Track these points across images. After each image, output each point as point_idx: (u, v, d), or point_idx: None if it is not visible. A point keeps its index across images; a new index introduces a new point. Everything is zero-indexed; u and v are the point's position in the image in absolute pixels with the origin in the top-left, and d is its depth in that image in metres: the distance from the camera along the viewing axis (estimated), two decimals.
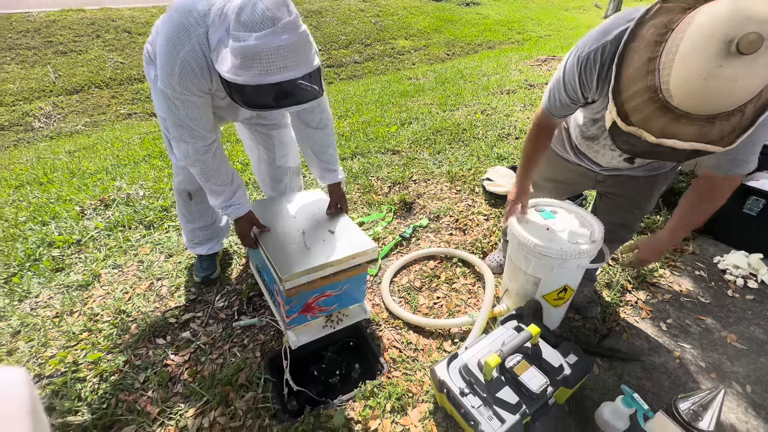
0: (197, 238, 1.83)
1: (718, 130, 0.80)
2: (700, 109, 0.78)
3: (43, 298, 1.79)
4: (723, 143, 0.80)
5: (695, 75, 0.74)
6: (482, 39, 9.27)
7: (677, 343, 1.61)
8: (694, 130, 0.80)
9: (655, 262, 1.30)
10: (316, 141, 1.55)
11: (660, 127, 0.83)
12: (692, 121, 0.80)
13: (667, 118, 0.81)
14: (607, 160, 1.33)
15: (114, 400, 1.36)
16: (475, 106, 4.10)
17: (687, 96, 0.77)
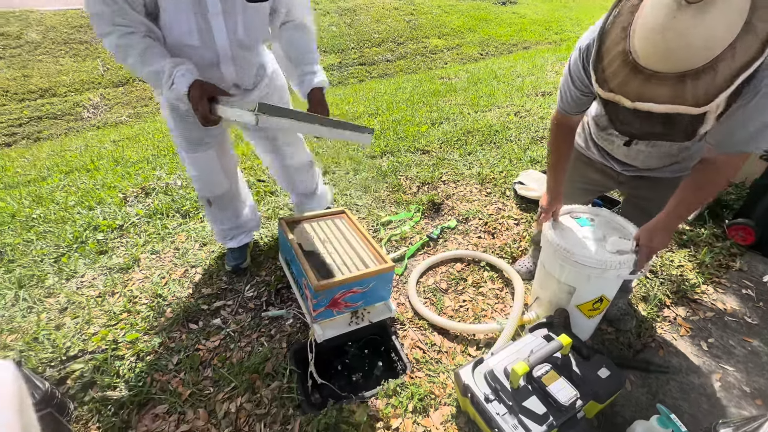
0: (226, 235, 1.89)
1: (691, 90, 0.80)
2: (665, 65, 0.80)
3: (88, 278, 1.90)
4: (697, 103, 0.80)
5: (652, 30, 0.79)
6: (518, 39, 9.05)
7: (719, 365, 1.52)
8: (667, 92, 0.81)
9: (659, 248, 1.21)
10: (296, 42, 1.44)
11: (635, 90, 0.85)
12: (662, 81, 0.81)
13: (640, 80, 0.83)
14: (624, 152, 1.31)
15: (149, 379, 1.43)
16: (508, 107, 4.01)
17: (649, 52, 0.81)
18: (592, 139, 1.45)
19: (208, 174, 1.66)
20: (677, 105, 0.81)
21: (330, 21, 8.50)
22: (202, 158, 1.59)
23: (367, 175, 2.75)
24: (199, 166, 1.62)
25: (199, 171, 1.64)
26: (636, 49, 0.83)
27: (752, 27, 0.76)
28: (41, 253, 2.03)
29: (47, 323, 1.65)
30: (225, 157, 1.68)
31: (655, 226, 1.21)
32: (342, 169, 2.84)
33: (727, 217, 2.19)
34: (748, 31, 0.76)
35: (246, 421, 1.32)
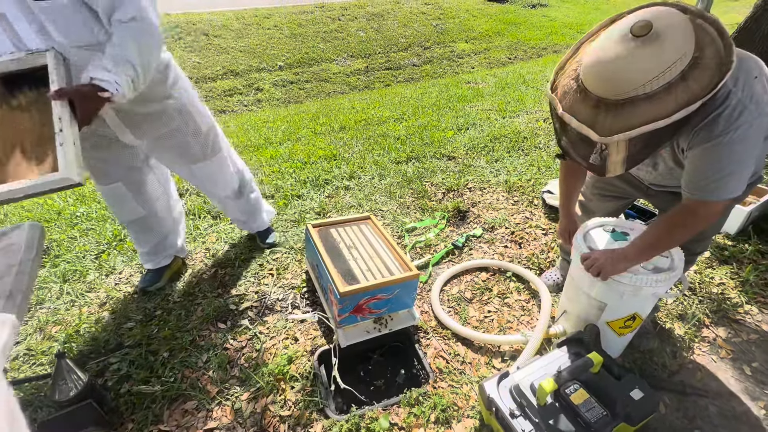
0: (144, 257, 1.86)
1: (601, 119, 0.88)
2: (590, 83, 0.89)
3: (126, 275, 2.00)
4: (602, 133, 0.88)
5: (599, 45, 0.89)
6: (547, 42, 8.86)
7: (763, 391, 1.43)
8: (585, 111, 0.90)
9: (607, 272, 1.18)
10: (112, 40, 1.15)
11: (569, 101, 0.94)
12: (586, 100, 0.90)
13: (574, 91, 0.93)
14: (641, 174, 1.30)
15: (180, 375, 1.48)
16: (537, 113, 3.93)
17: (586, 68, 0.90)
18: None
19: (117, 204, 1.64)
20: (586, 127, 0.89)
21: (358, 26, 8.60)
22: (108, 191, 1.59)
23: (392, 180, 2.76)
24: (107, 197, 1.64)
25: (107, 201, 1.67)
26: (582, 63, 0.93)
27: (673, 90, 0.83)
28: (83, 250, 2.15)
29: (88, 317, 1.74)
30: (142, 190, 1.64)
31: (617, 256, 1.19)
32: (367, 174, 2.86)
33: None
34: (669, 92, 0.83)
35: (270, 421, 1.35)
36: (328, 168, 2.97)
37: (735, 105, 0.88)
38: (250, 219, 2.03)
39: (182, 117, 1.49)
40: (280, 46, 7.58)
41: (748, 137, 0.90)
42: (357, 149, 3.30)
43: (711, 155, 0.94)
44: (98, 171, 1.53)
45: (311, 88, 6.77)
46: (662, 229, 1.15)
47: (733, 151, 0.92)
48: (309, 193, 2.65)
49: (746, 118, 0.88)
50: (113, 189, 1.59)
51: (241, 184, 1.87)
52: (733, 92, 0.88)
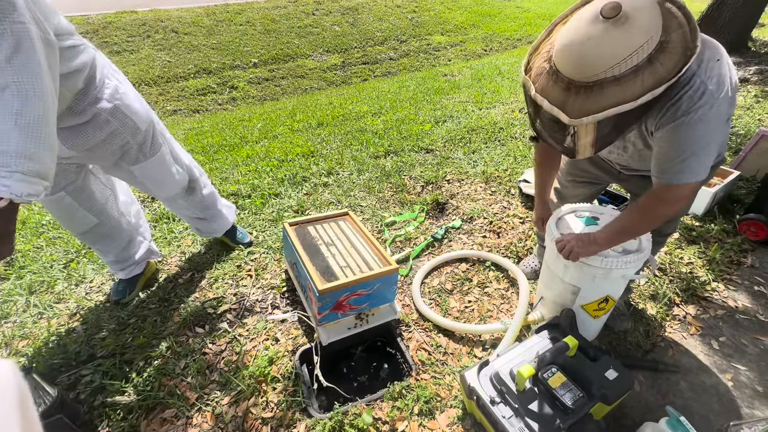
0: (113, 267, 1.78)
1: (571, 101, 0.90)
2: (561, 64, 0.90)
3: (97, 283, 1.92)
4: (571, 114, 0.90)
5: (571, 27, 0.90)
6: (522, 34, 8.95)
7: (730, 364, 1.49)
8: (556, 93, 0.91)
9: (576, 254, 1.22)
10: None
11: (541, 83, 0.95)
12: (557, 82, 0.91)
13: (547, 73, 0.94)
14: (613, 157, 1.32)
15: (157, 384, 1.44)
16: (513, 104, 3.98)
17: (558, 46, 0.91)
18: None
19: (65, 216, 1.53)
20: (557, 109, 0.91)
21: (333, 20, 8.49)
22: (52, 202, 1.47)
23: (371, 175, 2.74)
24: (52, 210, 1.51)
25: (55, 215, 1.54)
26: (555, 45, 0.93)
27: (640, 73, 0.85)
28: (51, 259, 2.06)
29: (57, 329, 1.67)
30: (87, 195, 1.54)
31: (588, 240, 1.22)
32: (346, 169, 2.84)
33: (738, 212, 2.14)
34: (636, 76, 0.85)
35: (252, 424, 1.33)
36: (305, 165, 2.93)
37: (698, 86, 0.90)
38: (209, 218, 1.90)
39: (117, 119, 1.36)
40: (254, 43, 7.42)
41: (708, 119, 0.92)
42: (335, 145, 3.27)
43: (674, 136, 0.96)
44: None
45: (287, 84, 6.66)
46: (632, 215, 1.16)
47: (695, 132, 0.94)
48: (287, 192, 2.61)
49: (707, 100, 0.90)
50: (57, 200, 1.46)
51: (191, 179, 1.74)
52: (696, 74, 0.90)
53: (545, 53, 0.97)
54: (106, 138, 1.37)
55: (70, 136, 1.30)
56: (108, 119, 1.34)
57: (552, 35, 1.02)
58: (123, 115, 1.38)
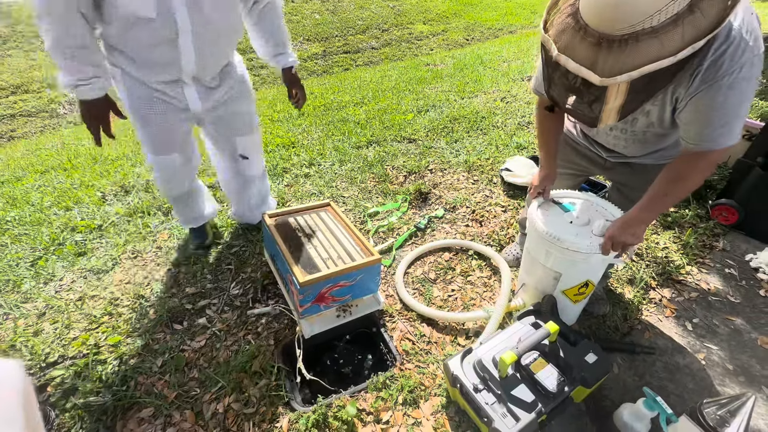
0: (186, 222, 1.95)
1: (602, 59, 0.80)
2: (591, 17, 0.80)
3: (67, 281, 1.84)
4: (603, 74, 0.80)
5: None
6: (503, 23, 8.96)
7: (703, 344, 1.54)
8: (583, 51, 0.82)
9: (632, 242, 1.17)
10: (264, 26, 1.54)
11: (564, 41, 0.85)
12: (585, 38, 0.81)
13: (572, 29, 0.84)
14: (604, 138, 1.30)
15: (133, 383, 1.39)
16: (494, 93, 3.98)
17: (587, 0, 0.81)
18: (580, 127, 1.44)
19: (170, 176, 1.67)
20: (586, 69, 0.81)
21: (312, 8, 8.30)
22: (165, 161, 1.61)
23: (353, 165, 2.71)
24: (162, 169, 1.64)
25: (161, 173, 1.66)
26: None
27: (680, 23, 0.75)
28: (17, 257, 1.96)
29: (25, 329, 1.59)
30: (188, 160, 1.68)
31: (628, 220, 1.17)
32: (327, 160, 2.79)
33: (711, 197, 2.21)
34: (675, 26, 0.75)
35: (234, 421, 1.30)
36: (286, 156, 2.87)
37: (738, 42, 0.82)
38: (262, 203, 2.05)
39: (245, 84, 1.62)
40: None
41: (750, 77, 0.86)
42: (316, 135, 3.21)
43: (715, 99, 0.88)
44: (160, 141, 1.53)
45: (267, 74, 6.49)
46: (667, 185, 1.09)
47: (738, 92, 0.86)
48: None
49: (748, 57, 0.83)
50: (169, 161, 1.60)
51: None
52: (735, 29, 0.82)
53: (568, 7, 0.87)
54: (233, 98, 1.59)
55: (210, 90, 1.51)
56: (240, 81, 1.60)
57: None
58: (247, 83, 1.66)
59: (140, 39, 1.23)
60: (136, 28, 1.20)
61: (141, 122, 1.47)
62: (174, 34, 1.23)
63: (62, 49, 1.17)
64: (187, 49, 1.29)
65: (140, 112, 1.44)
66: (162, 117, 1.46)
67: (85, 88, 1.23)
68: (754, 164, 1.97)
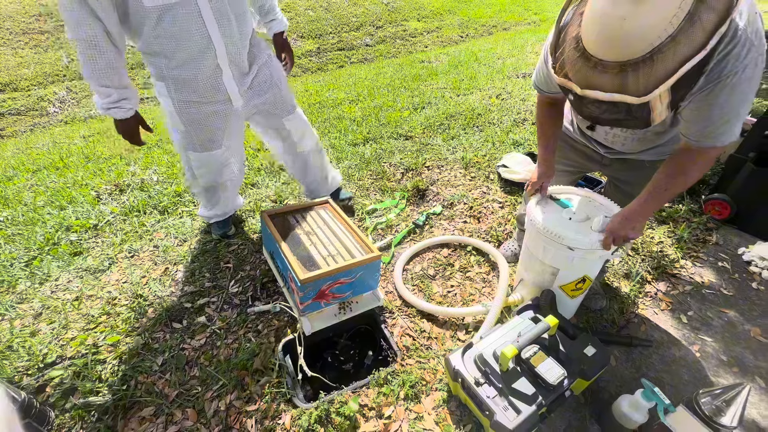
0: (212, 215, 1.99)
1: (632, 81, 0.81)
2: (606, 53, 0.81)
3: (63, 281, 1.82)
4: (638, 93, 0.81)
5: (594, 17, 0.81)
6: (497, 20, 8.97)
7: (698, 336, 1.57)
8: (610, 81, 0.83)
9: (633, 236, 1.19)
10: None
11: (584, 78, 0.86)
12: (606, 70, 0.82)
13: (588, 67, 0.84)
14: (603, 136, 1.31)
15: (133, 382, 1.39)
16: (489, 90, 3.99)
17: (591, 39, 0.82)
18: (577, 124, 1.45)
19: (218, 169, 1.73)
20: (621, 95, 0.82)
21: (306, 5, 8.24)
22: (210, 157, 1.67)
23: (350, 163, 2.71)
24: (206, 164, 1.69)
25: (206, 168, 1.70)
26: (582, 35, 0.84)
27: (697, 19, 0.75)
28: (11, 258, 1.93)
29: (21, 330, 1.58)
30: (236, 150, 1.77)
31: (628, 214, 1.18)
32: None
33: (704, 192, 2.24)
34: (693, 23, 0.76)
35: (236, 418, 1.30)
36: None
37: (744, 42, 0.82)
38: (325, 177, 2.11)
39: (275, 66, 1.69)
40: None
41: (754, 76, 0.86)
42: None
43: (718, 98, 0.89)
44: (205, 139, 1.60)
45: None
46: (662, 179, 1.11)
47: (741, 91, 0.88)
48: (264, 181, 2.54)
49: (753, 56, 0.83)
50: (215, 156, 1.67)
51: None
52: (741, 28, 0.82)
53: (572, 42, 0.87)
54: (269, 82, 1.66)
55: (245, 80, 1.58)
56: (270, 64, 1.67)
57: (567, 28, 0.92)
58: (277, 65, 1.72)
59: (171, 32, 1.31)
60: (164, 21, 1.28)
61: (186, 125, 1.55)
62: (197, 14, 1.31)
63: (96, 76, 1.29)
64: (211, 23, 1.35)
65: (186, 117, 1.53)
66: (209, 117, 1.55)
67: (116, 110, 1.37)
68: (746, 159, 2.00)
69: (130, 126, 1.47)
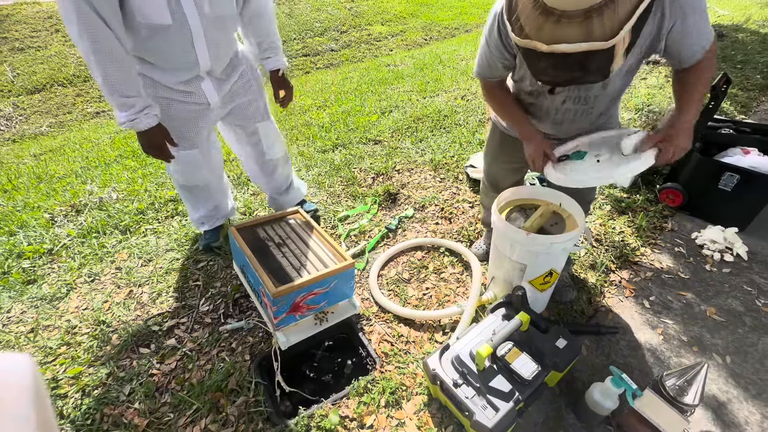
0: (200, 221, 1.97)
1: (598, 26, 0.83)
2: (568, 3, 0.83)
3: (15, 312, 1.70)
4: (606, 38, 0.84)
5: None
6: (459, 22, 9.17)
7: (660, 320, 1.66)
8: (576, 31, 0.85)
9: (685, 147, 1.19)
10: (257, 29, 1.62)
11: (548, 34, 0.87)
12: (571, 20, 0.84)
13: (551, 22, 0.86)
14: (552, 117, 1.32)
15: (99, 415, 1.31)
16: (455, 91, 4.07)
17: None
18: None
19: (191, 170, 1.72)
20: (588, 42, 0.85)
21: None
22: (186, 156, 1.65)
23: (320, 170, 2.68)
24: (183, 163, 1.68)
25: (182, 166, 1.69)
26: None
27: None
28: None
29: None
30: (210, 154, 1.75)
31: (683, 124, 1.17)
32: (293, 166, 2.75)
33: (658, 182, 2.37)
34: None
35: None
36: None
37: None
38: (291, 187, 2.13)
39: (254, 72, 1.72)
40: None
41: None
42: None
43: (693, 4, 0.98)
44: (181, 137, 1.58)
45: None
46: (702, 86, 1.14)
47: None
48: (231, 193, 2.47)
49: None
50: (190, 155, 1.66)
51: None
52: None
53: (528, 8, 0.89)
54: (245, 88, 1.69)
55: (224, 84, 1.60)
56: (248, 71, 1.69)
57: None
58: (256, 71, 1.75)
59: (160, 46, 1.34)
60: (156, 36, 1.31)
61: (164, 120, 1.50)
62: (189, 36, 1.35)
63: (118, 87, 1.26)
64: (201, 47, 1.41)
65: (164, 112, 1.50)
66: (184, 113, 1.55)
67: (141, 119, 1.34)
68: (693, 149, 2.13)
69: (156, 137, 1.42)
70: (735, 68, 4.29)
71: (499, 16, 1.10)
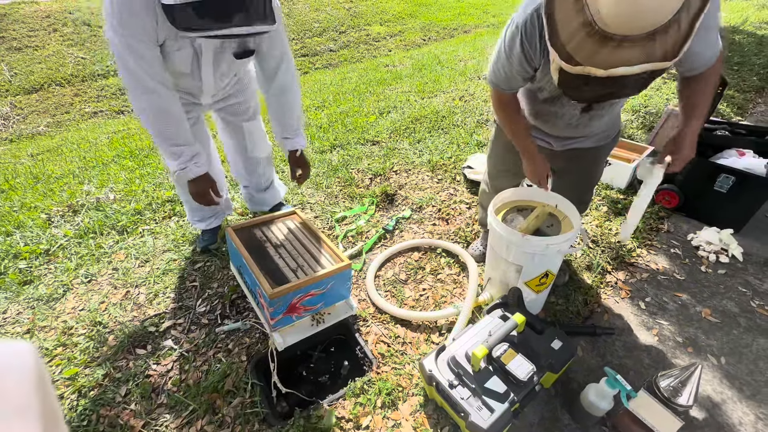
0: (196, 218, 1.97)
1: (661, 46, 0.82)
2: (636, 27, 0.80)
3: (11, 313, 1.70)
4: (669, 57, 0.83)
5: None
6: (458, 23, 9.18)
7: (655, 321, 1.66)
8: (638, 53, 0.83)
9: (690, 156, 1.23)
10: (279, 107, 1.64)
11: (605, 59, 0.85)
12: (634, 43, 0.82)
13: (610, 47, 0.83)
14: (566, 121, 1.32)
15: (95, 416, 1.31)
16: (453, 92, 4.07)
17: (619, 17, 0.80)
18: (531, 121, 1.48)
19: None
20: (650, 63, 0.83)
21: None
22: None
23: (318, 170, 2.68)
24: None
25: None
26: (603, 18, 0.82)
27: None
28: None
29: None
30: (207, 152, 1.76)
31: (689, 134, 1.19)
32: None
33: None
34: None
35: None
36: None
37: None
38: (271, 187, 2.14)
39: (249, 74, 1.74)
40: None
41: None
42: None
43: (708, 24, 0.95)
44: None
45: None
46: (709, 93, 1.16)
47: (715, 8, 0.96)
48: (229, 194, 2.47)
49: None
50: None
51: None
52: None
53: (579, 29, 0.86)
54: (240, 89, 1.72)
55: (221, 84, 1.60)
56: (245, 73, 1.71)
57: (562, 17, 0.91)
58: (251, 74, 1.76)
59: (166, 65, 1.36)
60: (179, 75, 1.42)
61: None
62: (200, 86, 1.50)
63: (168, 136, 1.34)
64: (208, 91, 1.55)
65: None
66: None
67: (190, 168, 1.41)
68: None
69: (203, 185, 1.48)
70: (731, 70, 4.31)
71: (523, 30, 1.06)
